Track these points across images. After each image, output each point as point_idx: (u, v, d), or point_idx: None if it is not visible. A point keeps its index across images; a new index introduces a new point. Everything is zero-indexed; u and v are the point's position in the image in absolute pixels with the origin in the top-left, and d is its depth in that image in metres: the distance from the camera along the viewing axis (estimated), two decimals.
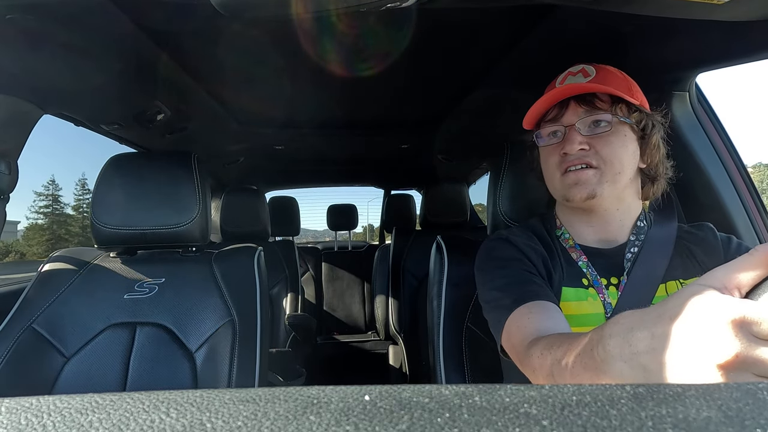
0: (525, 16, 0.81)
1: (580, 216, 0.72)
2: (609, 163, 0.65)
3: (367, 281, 2.64)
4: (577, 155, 0.66)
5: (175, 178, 0.94)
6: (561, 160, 0.68)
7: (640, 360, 0.32)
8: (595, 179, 0.65)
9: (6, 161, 0.95)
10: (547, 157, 0.71)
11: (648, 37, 0.79)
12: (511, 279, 0.65)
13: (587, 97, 0.67)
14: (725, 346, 0.27)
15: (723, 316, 0.28)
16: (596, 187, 0.65)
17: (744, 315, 0.27)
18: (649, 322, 0.32)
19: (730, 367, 0.27)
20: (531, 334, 0.54)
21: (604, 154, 0.65)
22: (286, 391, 0.19)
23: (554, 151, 0.69)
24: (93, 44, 0.82)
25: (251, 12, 0.55)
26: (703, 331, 0.28)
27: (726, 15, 0.58)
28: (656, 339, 0.31)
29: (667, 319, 0.31)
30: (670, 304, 0.32)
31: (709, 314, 0.29)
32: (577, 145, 0.65)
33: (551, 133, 0.70)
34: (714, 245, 0.69)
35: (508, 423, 0.15)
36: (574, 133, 0.66)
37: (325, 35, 0.89)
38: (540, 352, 0.48)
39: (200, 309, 0.90)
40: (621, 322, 0.35)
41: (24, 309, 0.88)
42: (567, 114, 0.68)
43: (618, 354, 0.34)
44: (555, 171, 0.69)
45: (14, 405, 0.18)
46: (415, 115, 1.50)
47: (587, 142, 0.66)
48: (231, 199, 1.92)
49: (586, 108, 0.67)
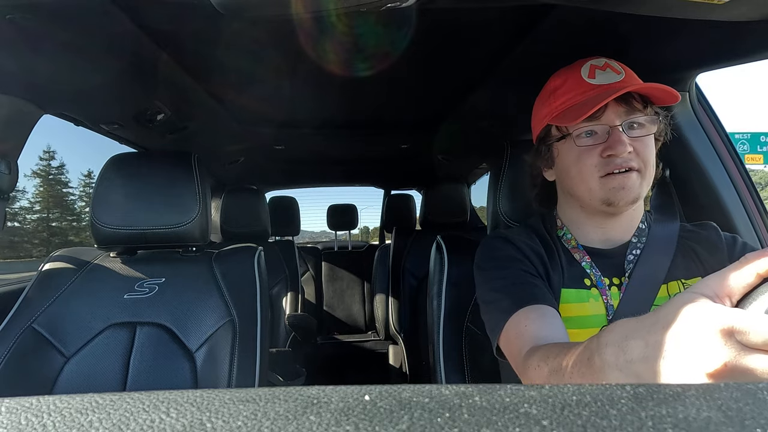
0: (525, 16, 0.81)
1: (592, 218, 0.70)
2: (648, 164, 0.64)
3: (367, 281, 2.64)
4: (624, 158, 0.62)
5: (175, 178, 0.94)
6: (603, 162, 0.63)
7: (634, 368, 0.32)
8: (638, 182, 0.63)
9: (6, 161, 0.95)
10: (583, 158, 0.65)
11: (648, 37, 0.79)
12: (510, 281, 0.65)
13: (626, 97, 0.63)
14: (714, 355, 0.27)
15: (712, 325, 0.28)
16: (640, 190, 0.64)
17: (732, 324, 0.27)
18: (643, 330, 0.33)
19: (719, 377, 0.27)
20: (528, 343, 0.54)
21: (644, 157, 0.64)
22: (286, 391, 0.19)
23: (592, 152, 0.64)
24: (93, 44, 0.82)
25: (251, 12, 0.55)
26: (694, 340, 0.29)
27: (726, 15, 0.58)
28: (650, 347, 0.31)
29: (660, 328, 0.31)
30: (663, 312, 0.32)
31: (699, 323, 0.29)
32: (627, 147, 0.62)
33: (586, 132, 0.65)
34: (717, 244, 0.68)
35: (508, 423, 0.15)
36: (621, 135, 0.62)
37: (325, 35, 0.89)
38: (537, 364, 0.49)
39: (200, 309, 0.90)
40: (616, 330, 0.36)
41: (24, 309, 0.88)
42: (608, 113, 0.64)
43: (614, 362, 0.34)
44: (593, 172, 0.64)
45: (14, 405, 0.18)
46: (415, 115, 1.50)
47: (631, 144, 0.63)
48: (231, 199, 1.92)
49: (625, 108, 0.63)
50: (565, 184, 0.71)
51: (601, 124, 0.64)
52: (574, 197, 0.70)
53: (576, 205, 0.71)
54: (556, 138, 0.70)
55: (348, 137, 1.73)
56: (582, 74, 0.67)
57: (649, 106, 0.65)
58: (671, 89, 0.63)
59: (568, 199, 0.73)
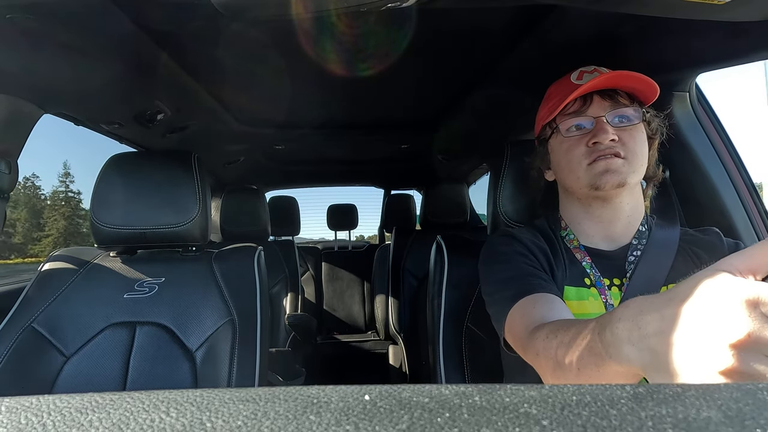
0: (525, 16, 0.81)
1: (591, 210, 0.72)
2: (635, 154, 0.67)
3: (367, 281, 2.64)
4: (608, 145, 0.67)
5: (175, 178, 0.94)
6: (589, 150, 0.68)
7: (649, 342, 0.32)
8: (624, 168, 0.66)
9: (6, 161, 0.95)
10: (571, 149, 0.70)
11: (648, 37, 0.79)
12: (515, 272, 0.66)
13: (610, 92, 0.68)
14: (738, 326, 0.27)
15: (736, 296, 0.27)
16: (626, 175, 0.66)
17: (758, 295, 0.27)
18: (659, 304, 0.32)
19: (742, 347, 0.27)
20: (535, 321, 0.54)
21: (631, 146, 0.67)
22: (286, 390, 0.19)
23: (579, 142, 0.69)
24: (93, 44, 0.82)
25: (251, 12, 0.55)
26: (716, 311, 0.28)
27: (726, 15, 0.58)
28: (666, 321, 0.31)
29: (678, 302, 0.31)
30: (681, 288, 0.31)
31: (722, 294, 0.28)
32: (610, 135, 0.66)
33: (575, 125, 0.71)
34: (720, 249, 0.69)
35: (508, 423, 0.15)
36: (605, 124, 0.67)
37: (325, 35, 0.89)
38: (545, 335, 0.49)
39: (200, 308, 0.90)
40: (631, 306, 0.35)
41: (24, 308, 0.88)
42: (593, 107, 0.69)
43: (626, 337, 0.34)
44: (581, 160, 0.69)
45: (14, 404, 0.18)
46: (415, 115, 1.50)
47: (616, 133, 0.67)
48: (231, 199, 1.92)
49: (610, 102, 0.68)
50: (559, 177, 0.75)
51: (587, 116, 0.69)
52: (568, 190, 0.74)
53: (574, 200, 0.74)
54: (548, 135, 0.75)
55: (348, 137, 1.73)
56: (571, 78, 0.73)
57: (636, 102, 0.69)
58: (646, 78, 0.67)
59: (566, 195, 0.76)
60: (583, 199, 0.72)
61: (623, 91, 0.69)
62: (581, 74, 0.72)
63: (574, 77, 0.72)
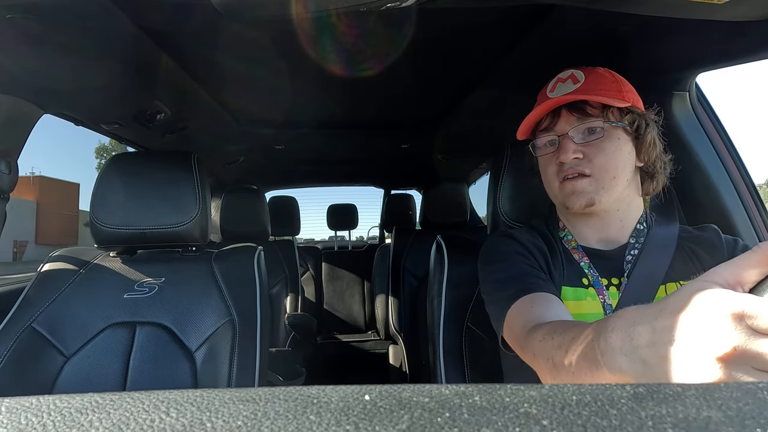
0: (525, 16, 0.81)
1: (581, 218, 0.72)
2: (603, 170, 0.66)
3: (367, 281, 2.64)
4: (572, 164, 0.67)
5: (175, 178, 0.94)
6: (558, 169, 0.69)
7: (641, 354, 0.32)
8: (590, 188, 0.66)
9: (6, 161, 0.95)
10: (546, 166, 0.72)
11: (648, 37, 0.79)
12: (514, 272, 0.66)
13: (578, 104, 0.67)
14: (724, 339, 0.27)
15: (723, 309, 0.28)
16: (593, 195, 0.66)
17: (744, 308, 0.27)
18: (650, 316, 0.33)
19: (729, 361, 0.27)
20: (533, 321, 0.54)
21: (598, 162, 0.66)
22: (286, 390, 0.19)
23: (551, 160, 0.70)
24: (93, 44, 0.82)
25: (251, 12, 0.55)
26: (703, 324, 0.28)
27: (726, 15, 0.58)
28: (657, 333, 0.31)
29: (668, 314, 0.31)
30: (672, 299, 0.32)
31: (709, 307, 0.29)
32: (571, 154, 0.66)
33: (547, 142, 0.71)
34: (718, 247, 0.69)
35: (508, 423, 0.15)
36: (567, 142, 0.67)
37: (325, 35, 0.89)
38: (542, 337, 0.49)
39: (200, 308, 0.90)
40: (624, 316, 0.35)
41: (24, 308, 0.88)
42: (560, 122, 0.68)
43: (619, 348, 0.34)
44: (554, 179, 0.70)
45: (14, 404, 0.18)
46: (415, 115, 1.50)
47: (581, 150, 0.66)
48: (231, 199, 1.92)
49: (578, 116, 0.67)
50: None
51: (555, 133, 0.69)
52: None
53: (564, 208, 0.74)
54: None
55: (348, 137, 1.73)
56: (547, 89, 0.72)
57: (610, 110, 0.66)
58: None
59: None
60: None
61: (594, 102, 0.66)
62: (556, 83, 0.71)
63: (549, 87, 0.71)
